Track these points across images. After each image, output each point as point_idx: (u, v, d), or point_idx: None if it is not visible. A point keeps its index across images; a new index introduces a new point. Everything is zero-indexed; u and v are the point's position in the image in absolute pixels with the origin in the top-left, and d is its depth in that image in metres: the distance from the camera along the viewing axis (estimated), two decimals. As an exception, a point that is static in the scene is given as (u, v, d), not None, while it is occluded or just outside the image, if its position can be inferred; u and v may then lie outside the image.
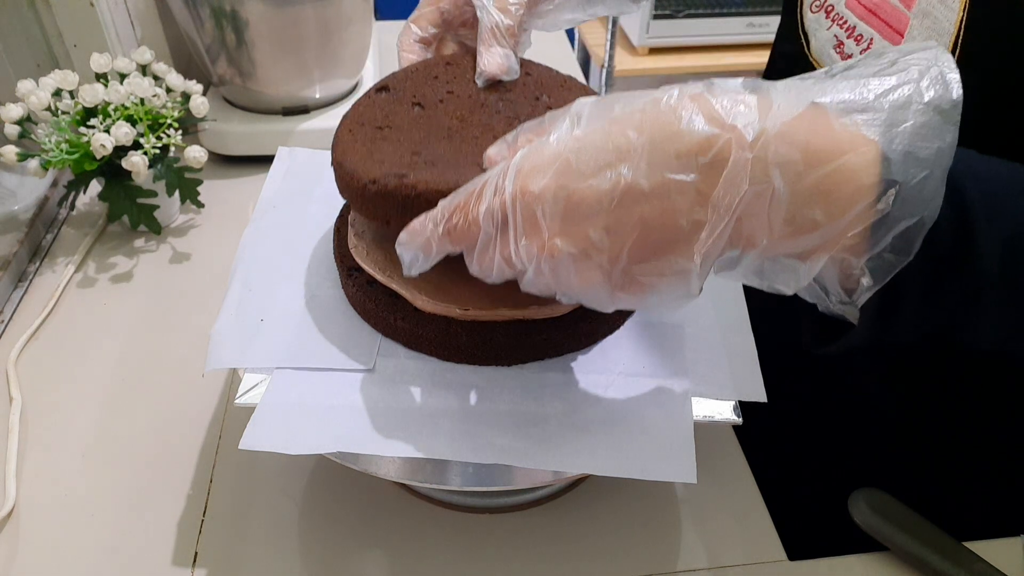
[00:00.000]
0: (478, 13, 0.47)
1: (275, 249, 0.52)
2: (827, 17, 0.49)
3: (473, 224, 0.33)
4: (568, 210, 0.30)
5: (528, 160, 0.31)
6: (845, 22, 0.47)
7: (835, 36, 0.49)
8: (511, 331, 0.43)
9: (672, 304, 0.33)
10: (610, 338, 0.47)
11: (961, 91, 0.28)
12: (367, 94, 0.47)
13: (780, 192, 0.28)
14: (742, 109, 0.28)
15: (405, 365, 0.45)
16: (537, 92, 0.47)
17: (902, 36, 0.43)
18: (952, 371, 0.50)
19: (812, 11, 0.52)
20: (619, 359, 0.45)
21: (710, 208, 0.28)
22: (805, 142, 0.28)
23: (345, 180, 0.42)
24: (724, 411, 0.43)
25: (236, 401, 0.42)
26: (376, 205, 0.40)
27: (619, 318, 0.47)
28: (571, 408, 0.42)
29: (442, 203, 0.34)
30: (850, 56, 0.48)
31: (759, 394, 0.43)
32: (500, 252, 0.33)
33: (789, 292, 0.32)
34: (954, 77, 0.28)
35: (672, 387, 0.43)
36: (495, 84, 0.47)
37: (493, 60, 0.46)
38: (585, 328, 0.45)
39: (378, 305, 0.45)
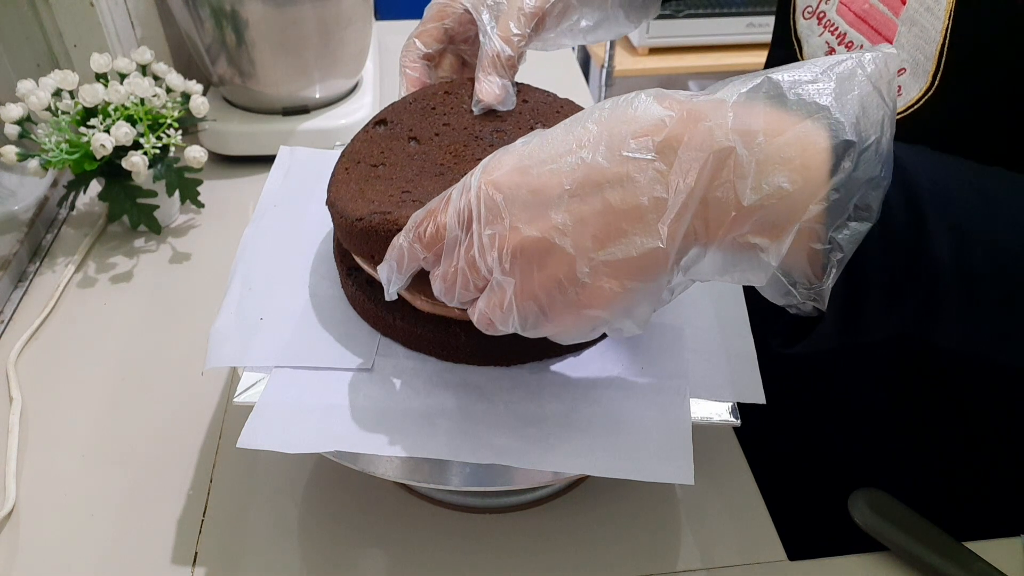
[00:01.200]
0: (481, 38, 0.48)
1: (275, 249, 0.52)
2: (819, 23, 0.49)
3: (441, 227, 0.34)
4: (531, 195, 0.31)
5: (494, 159, 0.33)
6: (836, 28, 0.48)
7: (826, 42, 0.49)
8: (510, 331, 0.43)
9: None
10: (609, 338, 0.47)
11: (898, 64, 0.30)
12: (365, 128, 0.48)
13: (743, 158, 0.29)
14: (698, 94, 0.30)
15: (404, 365, 0.45)
16: (532, 121, 0.48)
17: (891, 43, 0.43)
18: (951, 371, 0.50)
19: (804, 17, 0.52)
20: (618, 360, 0.45)
21: (670, 183, 0.29)
22: (762, 112, 0.29)
23: (337, 219, 0.44)
24: (722, 413, 0.43)
25: (235, 399, 0.42)
26: (363, 241, 0.41)
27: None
28: (569, 408, 0.42)
29: (415, 214, 0.36)
30: None
31: (758, 396, 0.43)
32: (464, 254, 0.33)
33: (760, 282, 0.32)
34: (892, 53, 0.30)
35: (670, 388, 0.43)
36: (491, 113, 0.48)
37: (491, 90, 0.47)
38: (584, 328, 0.45)
39: (377, 305, 0.45)
